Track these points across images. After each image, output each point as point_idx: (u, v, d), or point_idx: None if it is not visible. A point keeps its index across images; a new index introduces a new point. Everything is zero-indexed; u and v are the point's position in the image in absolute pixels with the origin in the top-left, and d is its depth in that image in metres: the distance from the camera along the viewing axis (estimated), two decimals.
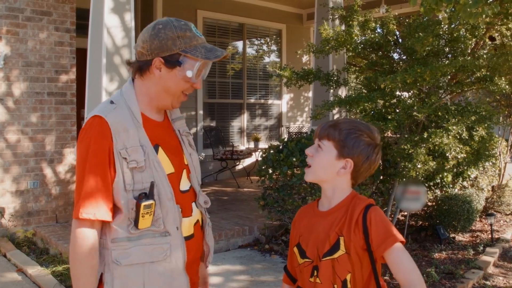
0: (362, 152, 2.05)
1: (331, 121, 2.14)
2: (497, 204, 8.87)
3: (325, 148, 2.08)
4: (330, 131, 2.08)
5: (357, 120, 2.15)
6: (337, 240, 2.02)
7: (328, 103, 6.35)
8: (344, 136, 2.05)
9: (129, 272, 2.06)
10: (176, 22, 2.14)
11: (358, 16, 6.91)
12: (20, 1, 7.09)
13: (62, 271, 5.81)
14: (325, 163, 2.08)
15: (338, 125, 2.08)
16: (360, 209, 2.02)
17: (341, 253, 2.00)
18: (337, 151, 2.06)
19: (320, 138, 2.10)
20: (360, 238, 1.98)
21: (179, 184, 2.20)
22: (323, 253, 2.04)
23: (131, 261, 2.05)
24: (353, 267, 2.00)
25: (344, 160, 2.06)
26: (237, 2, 11.62)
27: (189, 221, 2.21)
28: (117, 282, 2.07)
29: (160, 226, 2.08)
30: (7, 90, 7.05)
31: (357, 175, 2.10)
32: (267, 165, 6.51)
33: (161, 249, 2.08)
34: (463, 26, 6.38)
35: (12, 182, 7.15)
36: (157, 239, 2.08)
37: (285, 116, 13.01)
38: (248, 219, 7.44)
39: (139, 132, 2.11)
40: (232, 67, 12.14)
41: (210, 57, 2.13)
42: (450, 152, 5.68)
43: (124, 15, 5.82)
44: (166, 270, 2.09)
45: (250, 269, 5.92)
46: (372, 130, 2.10)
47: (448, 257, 6.46)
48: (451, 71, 5.85)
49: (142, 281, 2.06)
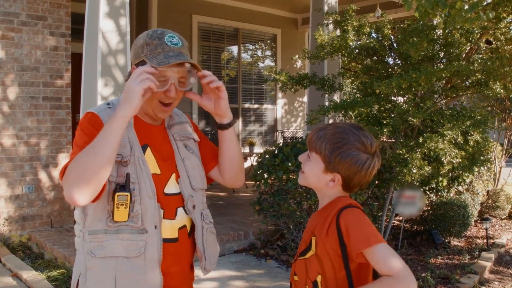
0: (350, 167, 1.97)
1: (320, 129, 2.06)
2: (492, 208, 8.89)
3: (313, 160, 2.04)
4: (317, 144, 2.02)
5: (348, 129, 2.01)
6: (310, 240, 2.02)
7: (324, 108, 6.36)
8: (330, 152, 1.98)
9: (102, 265, 2.10)
10: (154, 31, 2.18)
11: (353, 21, 6.92)
12: (15, 5, 7.08)
13: (57, 275, 5.78)
14: (314, 174, 2.05)
15: (325, 138, 2.01)
16: (335, 211, 1.97)
17: (311, 253, 2.00)
18: (324, 165, 2.01)
19: (309, 148, 2.07)
20: (333, 241, 1.92)
21: (164, 187, 2.21)
22: (299, 252, 2.07)
23: (105, 254, 2.09)
24: (323, 269, 1.96)
25: (332, 174, 2.01)
26: (232, 7, 11.65)
27: (171, 223, 2.20)
28: (90, 274, 2.12)
29: (138, 222, 2.09)
30: (2, 95, 7.03)
31: (349, 187, 2.04)
32: (262, 169, 6.51)
33: (137, 246, 2.10)
34: (457, 31, 6.40)
35: (7, 186, 7.13)
36: (134, 235, 2.10)
37: (280, 121, 13.01)
38: (243, 224, 7.43)
39: (129, 131, 2.17)
40: (227, 72, 12.14)
41: (161, 63, 2.07)
42: (446, 156, 5.68)
43: (119, 20, 5.81)
44: (140, 267, 2.10)
45: (246, 274, 5.91)
46: (364, 140, 1.99)
47: (444, 262, 6.47)
48: (446, 76, 5.86)
49: (114, 275, 2.09)
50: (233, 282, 5.65)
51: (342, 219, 1.92)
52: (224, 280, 5.69)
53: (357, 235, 1.87)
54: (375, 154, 2.03)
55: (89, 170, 1.91)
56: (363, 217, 1.95)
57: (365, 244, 1.84)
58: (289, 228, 6.47)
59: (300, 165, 2.14)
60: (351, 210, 1.95)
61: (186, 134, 2.39)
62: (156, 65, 2.07)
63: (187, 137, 2.39)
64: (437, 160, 6.04)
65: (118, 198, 2.03)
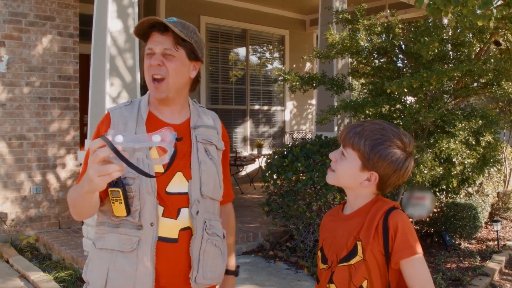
0: (389, 165, 1.88)
1: (357, 125, 1.94)
2: (503, 210, 8.81)
3: (349, 157, 1.92)
4: (355, 140, 1.89)
5: (386, 126, 1.92)
6: (354, 245, 1.90)
7: (334, 108, 6.31)
8: (369, 148, 1.87)
9: (99, 256, 2.15)
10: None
11: (363, 20, 6.88)
12: (23, 6, 7.07)
13: (65, 277, 5.76)
14: (348, 172, 1.93)
15: (364, 133, 1.89)
16: (382, 212, 1.88)
17: (358, 259, 1.88)
18: (361, 163, 1.90)
19: (344, 145, 1.94)
20: (379, 243, 1.85)
21: (166, 185, 2.16)
22: (339, 259, 1.94)
23: (102, 245, 2.14)
24: (369, 273, 1.87)
25: (369, 172, 1.90)
26: (240, 8, 11.62)
27: (172, 223, 2.15)
28: (91, 264, 2.20)
29: (136, 218, 2.09)
30: (10, 95, 7.02)
31: (383, 186, 1.94)
32: (271, 170, 6.46)
33: (130, 241, 2.09)
34: (469, 31, 6.34)
35: (15, 187, 7.11)
36: (131, 230, 2.10)
37: (288, 123, 12.97)
38: (252, 226, 7.39)
39: (139, 127, 2.18)
40: (235, 73, 12.11)
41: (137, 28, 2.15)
42: (457, 157, 5.62)
43: (127, 20, 5.79)
44: (132, 263, 2.09)
45: (255, 275, 5.86)
46: (403, 137, 1.91)
47: (455, 264, 6.40)
48: (457, 76, 5.81)
49: (107, 267, 2.11)
50: (242, 283, 5.61)
51: (392, 221, 1.85)
52: None
53: (403, 243, 1.83)
54: (412, 153, 1.95)
55: (77, 209, 2.05)
56: (410, 223, 1.89)
57: (407, 253, 1.82)
58: (298, 229, 6.41)
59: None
60: (399, 213, 1.88)
61: (209, 138, 2.32)
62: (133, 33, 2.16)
63: (210, 142, 2.32)
64: (448, 161, 5.99)
65: (112, 193, 2.04)
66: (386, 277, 1.88)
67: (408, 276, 1.83)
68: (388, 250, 1.84)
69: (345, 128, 1.97)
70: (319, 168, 6.02)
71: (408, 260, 1.82)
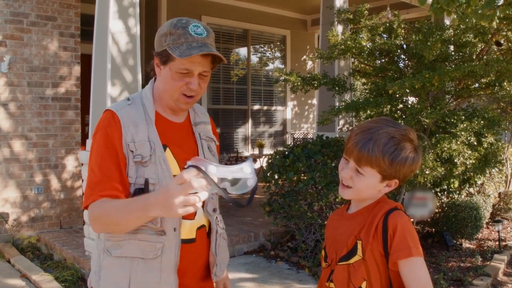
0: (407, 168, 1.89)
1: (365, 139, 1.87)
2: (504, 210, 8.80)
3: (367, 174, 1.89)
4: (372, 159, 1.85)
5: (392, 130, 1.88)
6: (355, 244, 1.91)
7: (335, 108, 6.31)
8: (389, 164, 1.85)
9: (117, 264, 2.06)
10: (179, 20, 2.09)
11: (366, 20, 6.87)
12: (24, 6, 7.07)
13: (66, 276, 5.76)
14: (369, 187, 1.92)
15: (378, 148, 1.85)
16: (382, 213, 1.89)
17: (357, 258, 1.89)
18: (381, 176, 1.89)
19: (359, 164, 1.89)
20: (378, 244, 1.85)
21: None
22: (339, 257, 1.95)
23: (121, 253, 2.05)
24: (369, 274, 1.86)
25: (389, 181, 1.92)
26: (242, 8, 11.62)
27: (190, 224, 2.16)
28: (104, 272, 2.08)
29: (157, 224, 2.04)
30: (11, 95, 7.02)
31: (399, 185, 1.99)
32: (273, 170, 6.46)
33: (154, 248, 2.05)
34: (472, 31, 6.34)
35: (16, 187, 7.11)
36: (152, 236, 2.05)
37: (289, 123, 12.97)
38: (253, 225, 7.39)
39: (150, 128, 2.11)
40: (236, 73, 12.11)
41: (183, 54, 1.98)
42: (459, 158, 5.62)
43: (128, 20, 5.79)
44: (155, 269, 2.05)
45: (256, 275, 5.86)
46: (409, 135, 1.90)
47: (456, 264, 6.39)
48: (459, 76, 5.80)
49: (128, 275, 2.04)
50: (243, 283, 5.61)
51: (391, 222, 1.85)
52: (234, 282, 5.64)
53: (401, 243, 1.82)
54: (418, 144, 1.96)
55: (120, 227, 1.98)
56: (411, 225, 1.88)
57: (404, 254, 1.80)
58: (299, 230, 6.41)
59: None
60: (400, 214, 1.88)
61: (209, 135, 2.34)
62: (177, 56, 1.98)
63: (211, 138, 2.34)
64: (449, 161, 5.98)
65: None
66: (386, 280, 1.87)
67: (405, 277, 1.81)
68: (387, 251, 1.84)
69: (353, 143, 1.91)
70: (321, 168, 6.02)
71: (405, 261, 1.81)
